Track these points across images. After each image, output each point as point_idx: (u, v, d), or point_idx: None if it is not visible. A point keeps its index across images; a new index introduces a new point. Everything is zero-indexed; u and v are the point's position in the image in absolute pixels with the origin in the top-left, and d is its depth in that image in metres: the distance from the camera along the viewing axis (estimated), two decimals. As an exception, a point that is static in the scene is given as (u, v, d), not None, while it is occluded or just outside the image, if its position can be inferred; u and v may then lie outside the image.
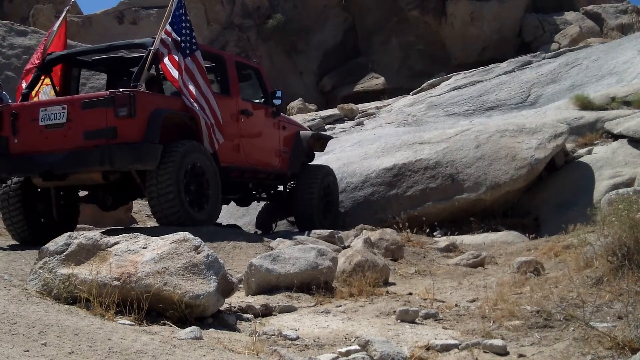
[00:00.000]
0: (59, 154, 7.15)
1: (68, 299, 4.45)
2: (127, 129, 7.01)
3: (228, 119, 8.25)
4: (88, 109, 7.08)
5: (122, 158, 7.02)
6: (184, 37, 7.77)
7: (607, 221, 5.11)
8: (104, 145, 7.00)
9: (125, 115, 6.97)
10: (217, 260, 4.70)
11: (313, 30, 27.55)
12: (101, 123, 7.02)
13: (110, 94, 7.11)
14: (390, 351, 3.88)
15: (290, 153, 9.52)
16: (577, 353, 3.85)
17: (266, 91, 9.29)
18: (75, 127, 7.14)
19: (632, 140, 9.88)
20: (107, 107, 7.01)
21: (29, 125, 7.34)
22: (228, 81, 8.61)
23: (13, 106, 7.63)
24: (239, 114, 8.61)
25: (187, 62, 7.67)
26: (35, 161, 7.27)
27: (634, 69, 12.99)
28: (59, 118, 7.18)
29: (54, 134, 7.22)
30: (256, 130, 8.98)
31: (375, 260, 6.27)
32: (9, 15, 20.41)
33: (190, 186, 7.47)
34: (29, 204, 7.75)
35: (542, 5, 27.45)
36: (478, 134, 10.22)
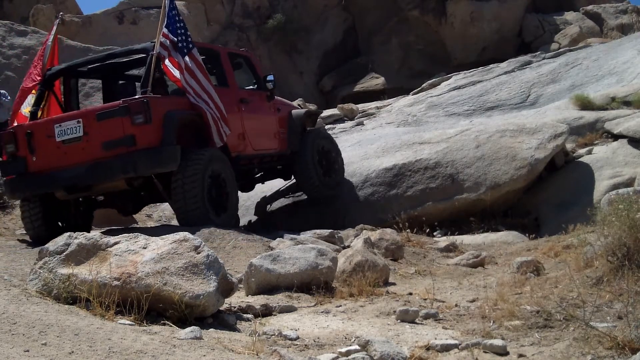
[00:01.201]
0: (81, 167, 7.29)
1: (68, 299, 4.45)
2: (144, 135, 7.19)
3: (230, 109, 8.39)
4: (104, 120, 7.24)
5: (144, 164, 7.22)
6: (180, 37, 7.87)
7: (607, 221, 5.11)
8: (126, 154, 7.18)
9: (141, 122, 7.16)
10: (217, 260, 4.70)
11: (313, 30, 27.53)
12: (119, 132, 7.18)
13: (124, 102, 7.25)
14: (390, 351, 3.88)
15: (287, 133, 9.73)
16: (577, 353, 3.85)
17: (258, 77, 9.45)
18: (93, 139, 7.28)
19: (632, 140, 9.87)
20: (123, 116, 7.17)
21: (46, 143, 7.46)
22: (224, 73, 8.81)
23: (26, 125, 7.70)
24: (239, 103, 8.81)
25: (186, 61, 7.77)
26: (57, 177, 7.41)
27: (634, 69, 12.98)
28: (75, 132, 7.33)
29: (73, 148, 7.36)
30: (256, 116, 9.15)
31: (375, 260, 6.27)
32: (9, 15, 20.39)
33: (211, 192, 7.71)
34: (48, 210, 7.92)
35: (542, 5, 27.45)
36: (478, 134, 10.21)
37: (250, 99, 9.08)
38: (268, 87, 9.35)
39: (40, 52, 8.70)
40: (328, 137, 10.59)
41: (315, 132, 10.21)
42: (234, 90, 8.86)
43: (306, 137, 9.90)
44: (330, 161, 10.15)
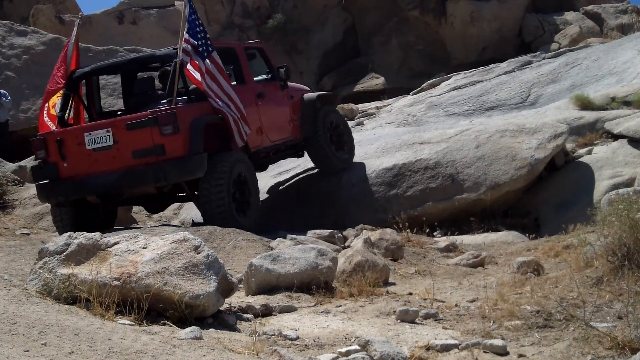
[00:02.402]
0: (113, 175, 7.63)
1: (68, 299, 4.45)
2: (173, 144, 7.51)
3: (248, 106, 8.61)
4: (133, 130, 7.52)
5: (174, 173, 7.59)
6: (200, 40, 8.01)
7: (607, 221, 5.11)
8: (157, 163, 7.52)
9: (170, 132, 7.46)
10: (217, 260, 4.70)
11: (313, 30, 27.54)
12: (148, 142, 7.50)
13: (152, 114, 7.54)
14: (390, 351, 3.89)
15: (300, 119, 9.96)
16: (577, 353, 3.85)
17: (272, 67, 9.64)
18: (123, 148, 7.59)
19: (632, 140, 9.86)
20: (152, 126, 7.47)
21: (76, 150, 7.75)
22: (242, 70, 9.04)
23: (57, 133, 7.95)
24: (256, 98, 9.04)
25: (206, 64, 7.94)
26: (91, 183, 7.75)
27: (634, 69, 12.97)
28: (106, 141, 7.63)
29: (103, 155, 7.66)
30: (272, 109, 9.41)
31: (375, 260, 6.27)
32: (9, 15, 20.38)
33: (235, 194, 8.03)
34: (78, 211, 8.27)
35: (542, 5, 27.45)
36: (478, 134, 10.21)
37: (266, 92, 9.31)
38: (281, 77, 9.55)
39: (62, 55, 8.80)
40: (336, 112, 10.90)
41: (326, 109, 10.40)
42: (251, 86, 9.09)
43: (317, 112, 10.10)
44: (341, 135, 10.46)
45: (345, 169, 10.28)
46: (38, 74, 15.58)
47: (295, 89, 10.31)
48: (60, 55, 8.87)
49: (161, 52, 8.62)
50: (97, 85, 9.12)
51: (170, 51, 8.30)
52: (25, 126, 14.89)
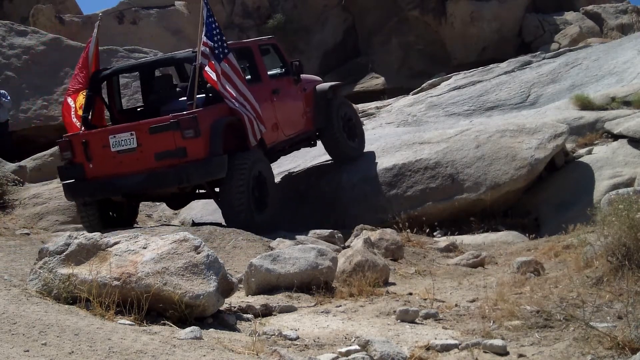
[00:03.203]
0: (138, 176, 7.97)
1: (68, 299, 4.45)
2: (194, 147, 7.80)
3: (263, 103, 8.86)
4: (156, 133, 7.82)
5: (196, 174, 7.91)
6: (216, 43, 8.20)
7: (607, 221, 5.11)
8: (180, 165, 7.83)
9: (191, 136, 7.75)
10: (217, 260, 4.70)
11: (313, 30, 27.55)
12: (170, 145, 7.81)
13: (174, 118, 7.81)
14: (390, 351, 3.89)
15: (313, 111, 10.21)
16: (577, 353, 3.85)
17: (285, 62, 9.91)
18: (147, 150, 7.91)
19: (632, 140, 9.86)
20: (174, 130, 7.77)
21: (101, 152, 8.07)
22: (257, 68, 9.31)
23: (82, 135, 8.25)
24: (271, 95, 9.30)
25: (222, 66, 8.14)
26: (117, 184, 8.09)
27: (634, 69, 12.97)
28: (130, 144, 7.95)
29: (127, 157, 7.98)
30: (287, 104, 9.68)
31: (375, 260, 6.26)
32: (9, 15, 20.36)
33: (254, 192, 8.29)
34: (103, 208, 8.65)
35: (542, 5, 27.46)
36: (478, 134, 10.20)
37: (281, 88, 9.55)
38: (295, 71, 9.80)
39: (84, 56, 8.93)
40: (348, 104, 11.19)
41: (338, 100, 10.67)
42: (267, 83, 9.31)
43: (330, 106, 10.34)
44: (352, 126, 10.76)
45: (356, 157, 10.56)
46: (38, 74, 15.59)
47: (308, 80, 10.48)
48: (82, 56, 9.02)
49: (181, 55, 8.88)
50: (117, 85, 9.41)
51: (189, 54, 8.55)
52: (25, 126, 14.91)
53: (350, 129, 10.70)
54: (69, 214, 9.18)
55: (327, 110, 10.29)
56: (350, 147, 10.57)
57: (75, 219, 9.12)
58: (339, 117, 10.40)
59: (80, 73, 8.85)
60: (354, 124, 10.84)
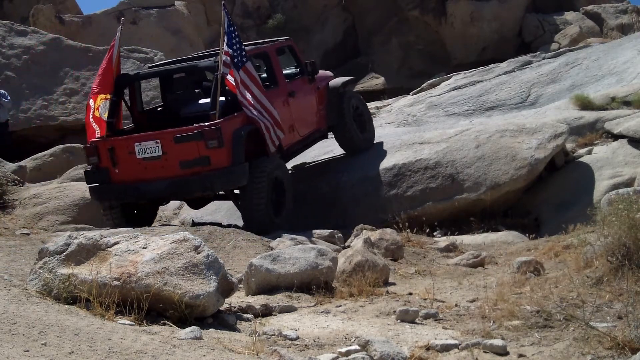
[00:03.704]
0: (163, 182, 8.27)
1: (68, 299, 4.45)
2: (218, 156, 8.08)
3: (280, 106, 9.14)
4: (180, 142, 8.08)
5: (219, 183, 8.23)
6: (235, 52, 8.35)
7: (607, 221, 5.11)
8: (204, 173, 8.11)
9: (215, 146, 8.01)
10: (217, 260, 4.70)
11: (313, 30, 27.55)
12: (194, 154, 8.07)
13: (198, 128, 8.06)
14: (390, 351, 3.89)
15: (326, 108, 10.42)
16: (577, 353, 3.85)
17: (300, 62, 10.14)
18: (171, 158, 8.17)
19: (632, 140, 9.85)
20: (198, 140, 8.02)
21: (127, 158, 8.34)
22: (275, 73, 9.51)
23: (109, 141, 8.55)
24: (287, 97, 9.51)
25: (240, 75, 8.32)
26: (143, 189, 8.39)
27: (634, 69, 12.96)
28: (155, 152, 8.21)
29: (152, 164, 8.26)
30: (302, 104, 9.89)
31: (375, 260, 6.26)
32: (9, 15, 20.34)
33: (272, 196, 8.60)
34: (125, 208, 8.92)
35: (542, 5, 27.45)
36: (478, 134, 10.20)
37: (296, 89, 9.76)
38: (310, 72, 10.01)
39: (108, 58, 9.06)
40: (357, 95, 11.46)
41: (348, 93, 10.89)
42: (283, 87, 9.52)
43: (342, 101, 10.53)
44: (362, 117, 11.01)
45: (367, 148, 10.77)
46: (38, 74, 15.60)
47: (321, 77, 10.56)
48: (106, 58, 9.15)
49: (203, 64, 9.00)
50: (139, 89, 9.69)
51: (211, 63, 8.74)
52: (26, 126, 14.91)
53: (361, 121, 10.94)
54: (69, 214, 9.18)
55: (339, 106, 10.48)
56: (362, 139, 10.81)
57: (76, 218, 9.13)
58: (350, 112, 10.62)
59: (103, 76, 9.01)
60: (363, 116, 11.05)
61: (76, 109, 15.41)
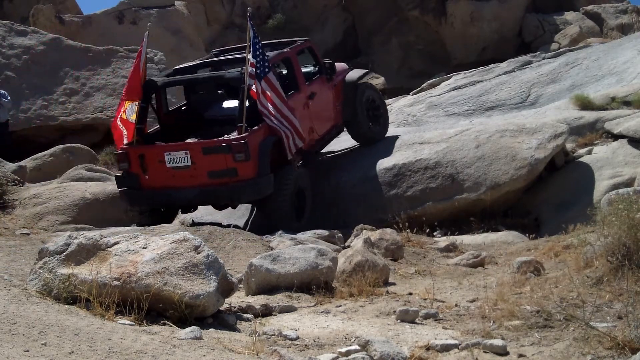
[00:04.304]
0: (192, 191, 8.60)
1: (68, 299, 4.45)
2: (244, 168, 8.39)
3: (301, 109, 9.46)
4: (209, 154, 8.42)
5: (246, 193, 8.57)
6: (259, 62, 8.58)
7: (607, 221, 5.11)
8: (232, 184, 8.45)
9: (242, 159, 8.33)
10: (217, 260, 4.70)
11: (313, 30, 27.53)
12: (222, 165, 8.41)
13: (226, 142, 8.40)
14: (390, 351, 3.89)
15: (342, 104, 10.66)
16: (577, 353, 3.85)
17: (319, 63, 10.37)
18: (200, 168, 8.49)
19: (632, 140, 9.85)
20: (226, 153, 8.35)
21: (157, 166, 8.66)
22: (296, 77, 9.75)
23: (139, 149, 8.83)
24: (307, 100, 9.79)
25: (262, 85, 8.55)
26: (171, 196, 8.74)
27: (634, 69, 12.96)
28: (184, 162, 8.52)
29: (181, 173, 8.57)
30: (321, 105, 10.17)
31: (375, 260, 6.26)
32: (9, 15, 20.33)
33: (294, 202, 8.97)
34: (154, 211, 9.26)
35: (542, 5, 27.45)
36: (478, 134, 10.20)
37: (315, 90, 10.01)
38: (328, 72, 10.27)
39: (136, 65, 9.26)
40: (372, 87, 11.58)
41: (363, 85, 11.07)
42: (304, 90, 9.77)
43: (356, 92, 10.74)
44: (377, 109, 11.20)
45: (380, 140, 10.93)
46: (38, 74, 15.60)
47: (337, 73, 10.70)
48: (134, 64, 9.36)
49: (230, 75, 9.12)
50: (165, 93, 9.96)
51: (237, 75, 8.85)
52: (26, 126, 14.92)
53: (375, 112, 11.10)
54: (69, 214, 9.18)
55: (353, 99, 10.69)
56: (374, 132, 11.00)
57: (76, 218, 9.14)
58: (363, 104, 10.77)
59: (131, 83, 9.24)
60: (377, 106, 11.20)
61: (76, 109, 15.41)
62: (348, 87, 10.69)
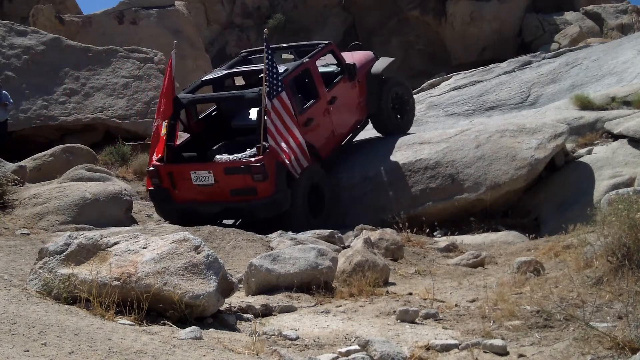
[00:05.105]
0: (216, 205, 9.15)
1: (68, 299, 4.45)
2: (263, 187, 8.88)
3: (320, 116, 9.88)
4: (230, 174, 8.92)
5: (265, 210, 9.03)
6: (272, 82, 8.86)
7: (607, 221, 5.11)
8: (252, 202, 8.95)
9: (260, 180, 8.81)
10: (217, 260, 4.70)
11: (313, 30, 27.54)
12: (242, 184, 8.91)
13: (245, 164, 8.86)
14: (390, 351, 3.89)
15: (366, 98, 10.87)
16: (577, 353, 3.85)
17: (342, 64, 10.58)
18: (222, 186, 9.01)
19: (632, 140, 9.85)
20: (246, 173, 8.83)
21: (184, 183, 9.24)
22: (316, 86, 9.98)
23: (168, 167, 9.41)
24: (327, 106, 10.04)
25: (274, 103, 8.83)
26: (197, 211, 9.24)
27: (634, 69, 12.96)
28: (208, 180, 9.06)
29: (206, 190, 9.14)
30: (342, 107, 10.39)
31: (375, 260, 6.26)
32: (9, 15, 20.31)
33: (311, 199, 9.36)
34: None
35: (542, 5, 27.45)
36: (478, 134, 10.20)
37: (337, 94, 10.22)
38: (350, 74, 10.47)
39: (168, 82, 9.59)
40: (401, 84, 11.77)
41: (391, 81, 11.30)
42: (323, 97, 10.01)
43: (382, 87, 10.99)
44: (404, 105, 11.52)
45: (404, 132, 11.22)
46: (38, 74, 15.58)
47: (361, 64, 10.86)
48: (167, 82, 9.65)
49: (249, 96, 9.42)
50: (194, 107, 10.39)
51: (256, 95, 9.18)
52: (25, 126, 14.90)
53: (401, 107, 11.40)
54: (69, 214, 9.18)
55: (378, 94, 10.90)
56: (397, 125, 11.28)
57: (76, 218, 9.12)
58: (389, 99, 11.03)
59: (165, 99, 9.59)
60: (405, 101, 11.48)
61: (76, 109, 15.40)
62: (373, 79, 10.84)
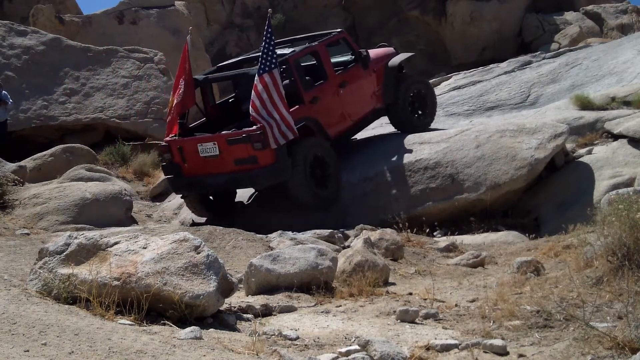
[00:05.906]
0: (221, 177, 9.52)
1: (68, 299, 4.45)
2: (264, 156, 9.17)
3: (330, 98, 10.20)
4: (233, 144, 9.24)
5: (266, 179, 9.39)
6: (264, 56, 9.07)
7: (607, 221, 5.11)
8: (253, 171, 9.27)
9: (260, 148, 9.09)
10: (217, 260, 4.70)
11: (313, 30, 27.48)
12: (244, 153, 9.23)
13: (245, 133, 9.16)
14: (390, 351, 3.89)
15: (384, 87, 11.13)
16: (577, 353, 3.85)
17: (354, 51, 10.91)
18: (226, 157, 9.35)
19: (632, 140, 9.84)
20: (246, 143, 9.14)
21: (193, 156, 9.60)
22: (324, 68, 10.31)
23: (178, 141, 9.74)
24: (338, 89, 10.33)
25: (264, 78, 9.01)
26: (204, 183, 9.69)
27: (634, 69, 12.95)
28: (213, 151, 9.42)
29: (212, 161, 9.49)
30: (354, 92, 10.68)
31: (375, 260, 6.26)
32: (9, 15, 20.32)
33: (315, 172, 9.65)
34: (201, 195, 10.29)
35: (542, 5, 27.46)
36: (478, 134, 10.19)
37: (348, 79, 10.54)
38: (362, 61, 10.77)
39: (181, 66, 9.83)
40: (422, 81, 12.07)
41: (411, 79, 11.61)
42: (333, 79, 10.32)
43: (401, 83, 11.27)
44: (424, 101, 11.69)
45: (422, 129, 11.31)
46: (38, 74, 15.59)
47: (379, 58, 11.24)
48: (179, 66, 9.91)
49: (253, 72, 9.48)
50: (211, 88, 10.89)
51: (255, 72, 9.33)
52: (25, 126, 14.91)
53: (421, 103, 11.58)
54: (69, 214, 9.19)
55: (395, 87, 11.15)
56: (414, 122, 11.44)
57: (76, 218, 9.14)
58: (406, 95, 11.26)
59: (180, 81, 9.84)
60: (425, 98, 11.65)
61: (76, 109, 15.41)
62: (390, 74, 11.14)
